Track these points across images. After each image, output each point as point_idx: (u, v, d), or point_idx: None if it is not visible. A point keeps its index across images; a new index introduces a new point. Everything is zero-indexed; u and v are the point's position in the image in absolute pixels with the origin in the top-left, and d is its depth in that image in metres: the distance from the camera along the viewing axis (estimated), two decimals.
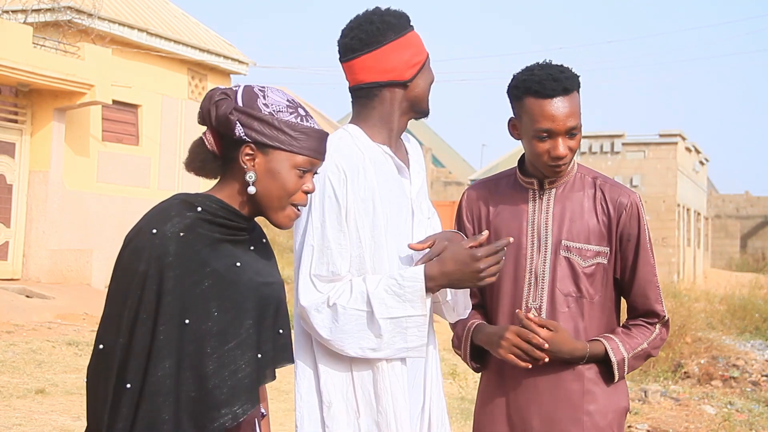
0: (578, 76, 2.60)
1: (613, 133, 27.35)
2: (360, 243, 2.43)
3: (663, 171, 26.82)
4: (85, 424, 1.95)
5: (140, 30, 15.91)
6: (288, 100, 2.04)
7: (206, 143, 2.02)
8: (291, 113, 2.02)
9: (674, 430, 7.47)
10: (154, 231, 1.90)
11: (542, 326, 2.54)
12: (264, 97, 2.01)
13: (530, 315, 2.56)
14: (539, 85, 2.52)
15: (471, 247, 2.35)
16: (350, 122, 2.60)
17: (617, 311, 2.73)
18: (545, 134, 2.53)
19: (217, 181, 2.09)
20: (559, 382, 2.60)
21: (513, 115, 2.64)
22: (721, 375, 10.17)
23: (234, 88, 2.04)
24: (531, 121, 2.54)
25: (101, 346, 1.90)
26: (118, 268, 1.94)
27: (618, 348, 2.62)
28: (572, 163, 2.68)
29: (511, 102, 2.63)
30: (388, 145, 2.56)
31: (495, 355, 2.60)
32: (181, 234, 1.92)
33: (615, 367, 2.61)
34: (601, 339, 2.62)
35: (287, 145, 2.01)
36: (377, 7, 2.58)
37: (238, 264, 1.99)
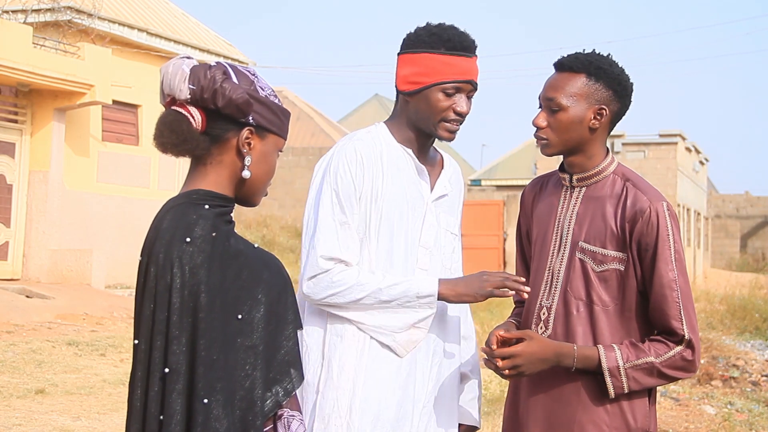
0: (601, 67, 2.56)
1: (613, 133, 27.21)
2: (367, 226, 2.58)
3: (663, 171, 26.82)
4: (85, 424, 1.95)
5: (140, 30, 15.92)
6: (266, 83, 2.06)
7: (192, 122, 1.95)
8: (275, 96, 2.03)
9: (674, 430, 7.47)
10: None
11: (511, 339, 2.44)
12: (258, 79, 2.01)
13: (499, 334, 2.47)
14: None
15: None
16: (385, 120, 2.74)
17: (646, 325, 2.54)
18: (538, 102, 2.62)
19: (191, 170, 2.02)
20: (559, 394, 2.51)
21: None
22: (721, 375, 10.16)
23: (220, 68, 1.98)
24: None
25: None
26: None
27: (614, 356, 2.45)
28: (608, 160, 2.60)
29: None
30: (411, 148, 2.67)
31: None
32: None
33: (606, 374, 2.44)
34: (598, 345, 2.48)
35: (279, 129, 2.02)
36: (443, 23, 2.68)
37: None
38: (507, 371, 2.44)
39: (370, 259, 2.58)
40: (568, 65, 2.54)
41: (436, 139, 2.70)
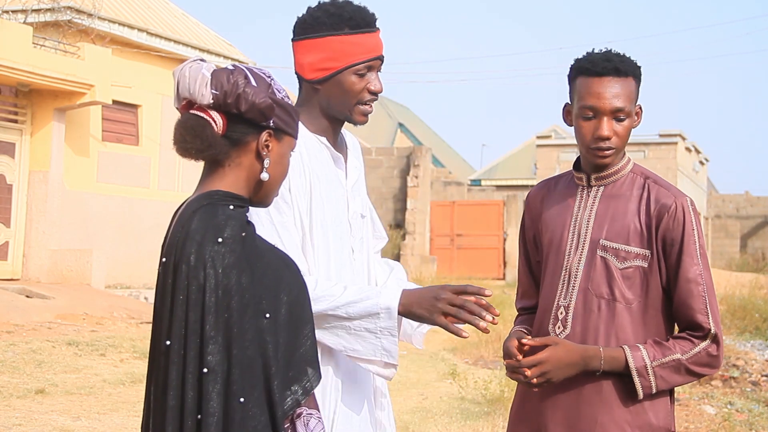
0: (638, 66, 2.55)
1: None
2: (302, 224, 2.44)
3: (663, 171, 26.83)
4: (85, 424, 1.95)
5: (140, 30, 15.92)
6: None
7: (214, 126, 1.96)
8: (288, 97, 2.04)
9: None
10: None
11: (535, 347, 2.42)
12: (273, 81, 2.01)
13: (524, 340, 2.46)
14: (590, 63, 2.51)
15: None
16: None
17: (669, 324, 2.53)
18: (590, 113, 2.49)
19: (206, 171, 2.03)
20: (579, 395, 2.48)
21: (568, 101, 2.59)
22: (721, 375, 10.16)
23: (241, 72, 1.98)
24: (579, 99, 2.52)
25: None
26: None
27: (641, 355, 2.42)
28: (626, 159, 2.59)
29: (568, 86, 2.60)
30: (325, 136, 2.55)
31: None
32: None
33: (634, 374, 2.41)
34: (624, 346, 2.45)
35: (293, 130, 2.03)
36: (335, 0, 2.50)
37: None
38: (535, 380, 2.42)
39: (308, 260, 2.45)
40: (623, 70, 2.51)
41: (355, 125, 2.59)
